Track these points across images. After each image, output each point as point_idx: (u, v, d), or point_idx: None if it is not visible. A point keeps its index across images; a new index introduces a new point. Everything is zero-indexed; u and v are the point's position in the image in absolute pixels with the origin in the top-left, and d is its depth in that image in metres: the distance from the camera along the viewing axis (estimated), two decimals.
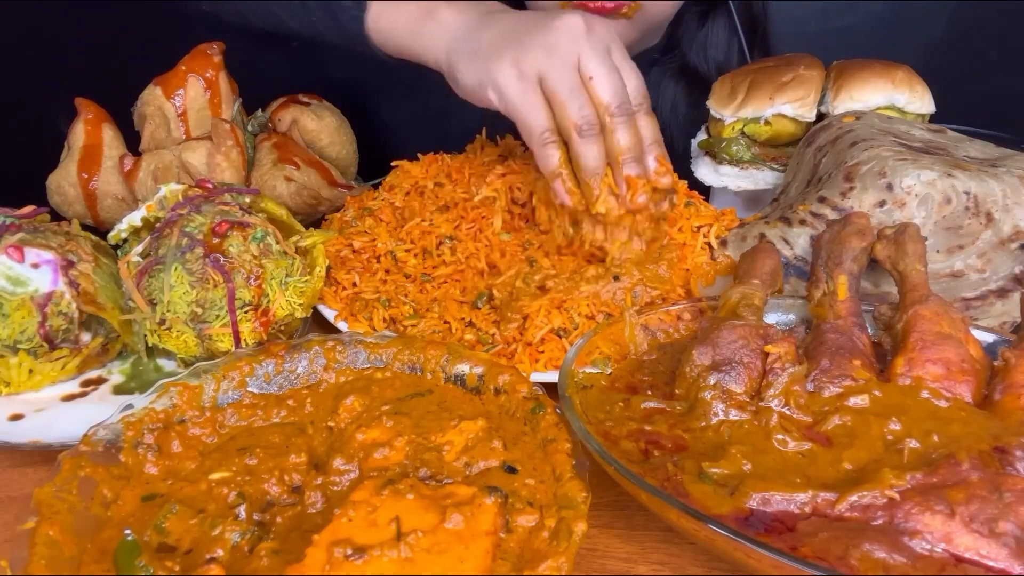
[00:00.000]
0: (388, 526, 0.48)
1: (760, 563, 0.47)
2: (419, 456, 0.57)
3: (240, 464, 0.57)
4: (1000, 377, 0.62)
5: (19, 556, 0.48)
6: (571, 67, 0.73)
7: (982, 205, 0.80)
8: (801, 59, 1.05)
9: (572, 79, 0.73)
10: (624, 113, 0.75)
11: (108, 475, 0.56)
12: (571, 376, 0.64)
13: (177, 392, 0.63)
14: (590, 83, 0.74)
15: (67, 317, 0.73)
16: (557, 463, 0.56)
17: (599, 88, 0.74)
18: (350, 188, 1.06)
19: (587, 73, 0.74)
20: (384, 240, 0.90)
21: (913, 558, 0.47)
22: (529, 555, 0.49)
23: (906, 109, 1.00)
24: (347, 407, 0.63)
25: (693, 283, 0.84)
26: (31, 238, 0.74)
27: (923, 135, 0.91)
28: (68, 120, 1.00)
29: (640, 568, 0.57)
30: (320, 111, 1.10)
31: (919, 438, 0.56)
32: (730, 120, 1.05)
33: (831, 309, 0.69)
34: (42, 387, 0.74)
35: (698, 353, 0.64)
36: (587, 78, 0.74)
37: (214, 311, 0.72)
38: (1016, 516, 0.49)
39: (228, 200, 0.78)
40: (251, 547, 0.51)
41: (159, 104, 0.99)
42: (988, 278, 0.80)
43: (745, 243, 0.87)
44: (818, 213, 0.85)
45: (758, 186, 1.06)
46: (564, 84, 0.73)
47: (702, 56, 1.27)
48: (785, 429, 0.58)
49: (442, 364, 0.68)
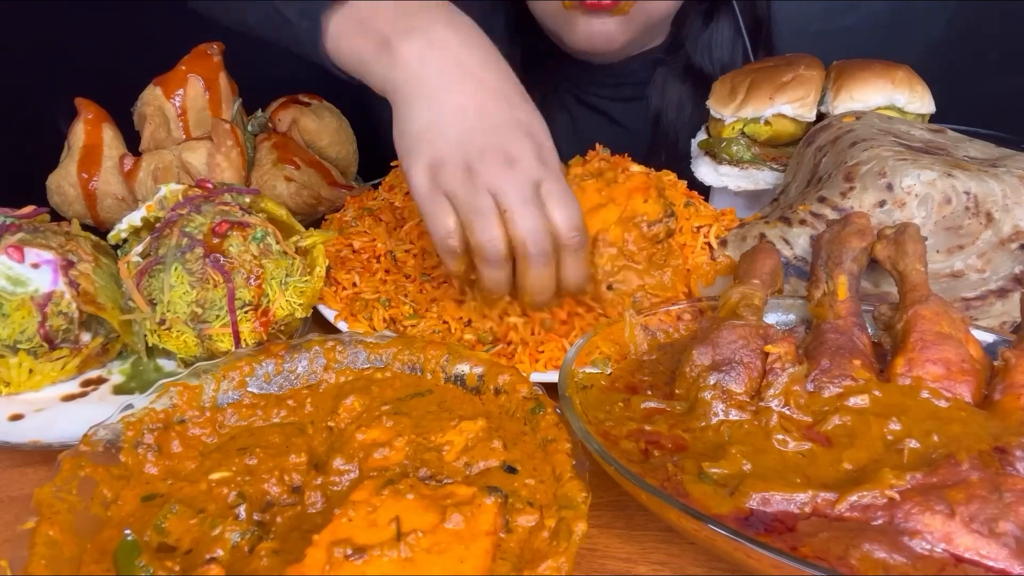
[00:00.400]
0: (388, 526, 0.48)
1: (760, 563, 0.47)
2: (419, 456, 0.57)
3: (240, 464, 0.57)
4: (1000, 377, 0.62)
5: (19, 556, 0.48)
6: (484, 194, 0.66)
7: (982, 205, 0.80)
8: (801, 59, 1.05)
9: (482, 205, 0.66)
10: (541, 255, 0.67)
11: (108, 475, 0.56)
12: (571, 376, 0.64)
13: (177, 392, 0.63)
14: (506, 219, 0.66)
15: (67, 317, 0.73)
16: (557, 463, 0.56)
17: (515, 228, 0.66)
18: (350, 188, 1.06)
19: (503, 208, 0.66)
20: (384, 240, 0.90)
21: (913, 558, 0.47)
22: (529, 555, 0.49)
23: (906, 109, 1.00)
24: (347, 407, 0.63)
25: (693, 283, 0.84)
26: (31, 238, 0.74)
27: (923, 135, 0.91)
28: (68, 120, 1.00)
29: (640, 568, 0.57)
30: (320, 111, 1.10)
31: (919, 438, 0.56)
32: (730, 120, 1.05)
33: (831, 309, 0.69)
34: (42, 387, 0.74)
35: (698, 353, 0.64)
36: (503, 211, 0.66)
37: (214, 311, 0.72)
38: (1016, 516, 0.49)
39: (228, 200, 0.78)
40: (251, 547, 0.51)
41: (159, 104, 0.99)
42: (988, 278, 0.80)
43: (745, 243, 0.87)
44: (818, 213, 0.85)
45: (758, 186, 1.06)
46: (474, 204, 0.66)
47: (707, 56, 1.27)
48: (785, 429, 0.58)
49: (442, 364, 0.68)
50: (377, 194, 0.99)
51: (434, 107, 0.69)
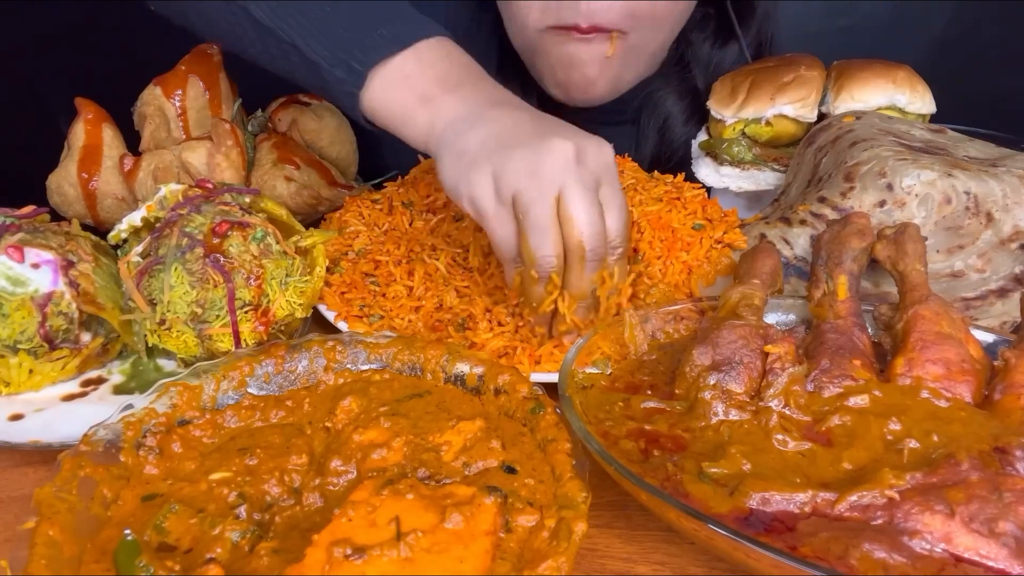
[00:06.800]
0: (388, 526, 0.48)
1: (760, 563, 0.47)
2: (417, 456, 0.57)
3: (240, 464, 0.57)
4: (1000, 377, 0.62)
5: (19, 556, 0.47)
6: (548, 198, 0.66)
7: (982, 205, 0.80)
8: (802, 59, 1.05)
9: (544, 214, 0.66)
10: (595, 258, 0.69)
11: (108, 475, 0.56)
12: (571, 376, 0.64)
13: (177, 392, 0.63)
14: (566, 219, 0.67)
15: (67, 317, 0.73)
16: (557, 463, 0.56)
17: (576, 227, 0.67)
18: (350, 188, 1.06)
19: (566, 209, 0.66)
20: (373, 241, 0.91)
21: (913, 558, 0.47)
22: (529, 555, 0.49)
23: (907, 109, 1.00)
24: (344, 408, 0.63)
25: (693, 283, 0.84)
26: (31, 238, 0.74)
27: (923, 135, 0.91)
28: (68, 120, 1.00)
29: (640, 568, 0.57)
30: (320, 111, 1.10)
31: (919, 438, 0.56)
32: (731, 121, 1.05)
33: (831, 309, 0.69)
34: (42, 387, 0.74)
35: (698, 353, 0.64)
36: (565, 213, 0.67)
37: (214, 311, 0.72)
38: (1016, 516, 0.49)
39: (228, 200, 0.78)
40: (251, 546, 0.51)
41: (159, 104, 0.99)
42: (988, 278, 0.80)
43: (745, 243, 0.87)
44: (818, 213, 0.85)
45: (759, 187, 1.06)
46: (534, 216, 0.66)
47: (709, 76, 1.20)
48: (785, 429, 0.58)
49: (442, 364, 0.68)
50: (379, 195, 0.99)
51: (490, 126, 0.71)
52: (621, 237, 0.70)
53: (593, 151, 0.69)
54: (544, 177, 0.66)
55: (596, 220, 0.67)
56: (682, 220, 0.89)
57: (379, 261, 0.87)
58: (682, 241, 0.87)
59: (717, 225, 0.89)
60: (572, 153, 0.67)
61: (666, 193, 0.92)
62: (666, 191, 0.92)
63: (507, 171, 0.67)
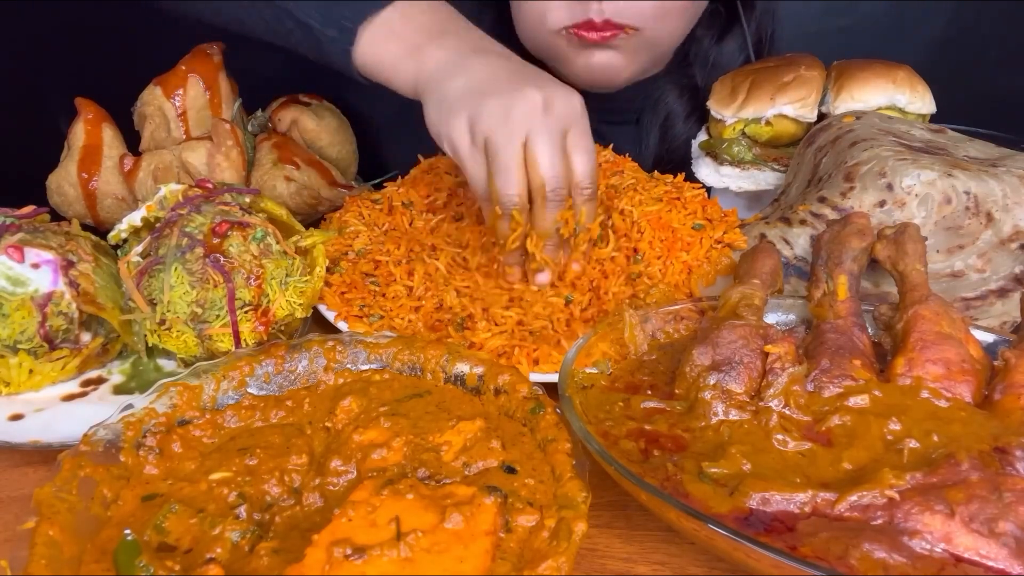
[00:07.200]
0: (388, 526, 0.48)
1: (760, 563, 0.47)
2: (417, 456, 0.57)
3: (241, 465, 0.57)
4: (1000, 377, 0.62)
5: (19, 556, 0.48)
6: (515, 142, 0.72)
7: (982, 205, 0.80)
8: (802, 59, 1.05)
9: (510, 156, 0.72)
10: (556, 198, 0.74)
11: (108, 475, 0.56)
12: (571, 376, 0.64)
13: (177, 392, 0.63)
14: (531, 161, 0.72)
15: (67, 317, 0.73)
16: (557, 463, 0.56)
17: (538, 169, 0.72)
18: (350, 188, 1.06)
19: (531, 152, 0.72)
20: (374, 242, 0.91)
21: (913, 558, 0.47)
22: (529, 555, 0.49)
23: (907, 109, 1.00)
24: (344, 408, 0.63)
25: (693, 283, 0.84)
26: (31, 238, 0.74)
27: (923, 135, 0.91)
28: (68, 120, 1.00)
29: (640, 568, 0.57)
30: (320, 111, 1.10)
31: (919, 438, 0.56)
32: (731, 121, 1.05)
33: (831, 309, 0.69)
34: (42, 387, 0.74)
35: (698, 353, 0.64)
36: (529, 156, 0.72)
37: (214, 311, 0.72)
38: (1016, 516, 0.49)
39: (228, 200, 0.78)
40: (251, 546, 0.51)
41: (159, 104, 0.99)
42: (988, 278, 0.80)
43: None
44: (818, 213, 0.85)
45: (760, 187, 1.06)
46: (502, 159, 0.72)
47: (709, 74, 1.20)
48: (785, 429, 0.58)
49: (442, 364, 0.68)
50: (379, 195, 0.99)
51: (469, 74, 0.76)
52: (589, 179, 0.75)
53: (561, 100, 0.73)
54: (513, 123, 0.71)
55: (557, 163, 0.73)
56: (682, 220, 0.89)
57: (379, 261, 0.87)
58: (682, 241, 0.87)
59: (717, 225, 0.89)
60: (540, 101, 0.72)
61: (666, 193, 0.92)
62: (666, 191, 0.92)
63: (481, 117, 0.72)
